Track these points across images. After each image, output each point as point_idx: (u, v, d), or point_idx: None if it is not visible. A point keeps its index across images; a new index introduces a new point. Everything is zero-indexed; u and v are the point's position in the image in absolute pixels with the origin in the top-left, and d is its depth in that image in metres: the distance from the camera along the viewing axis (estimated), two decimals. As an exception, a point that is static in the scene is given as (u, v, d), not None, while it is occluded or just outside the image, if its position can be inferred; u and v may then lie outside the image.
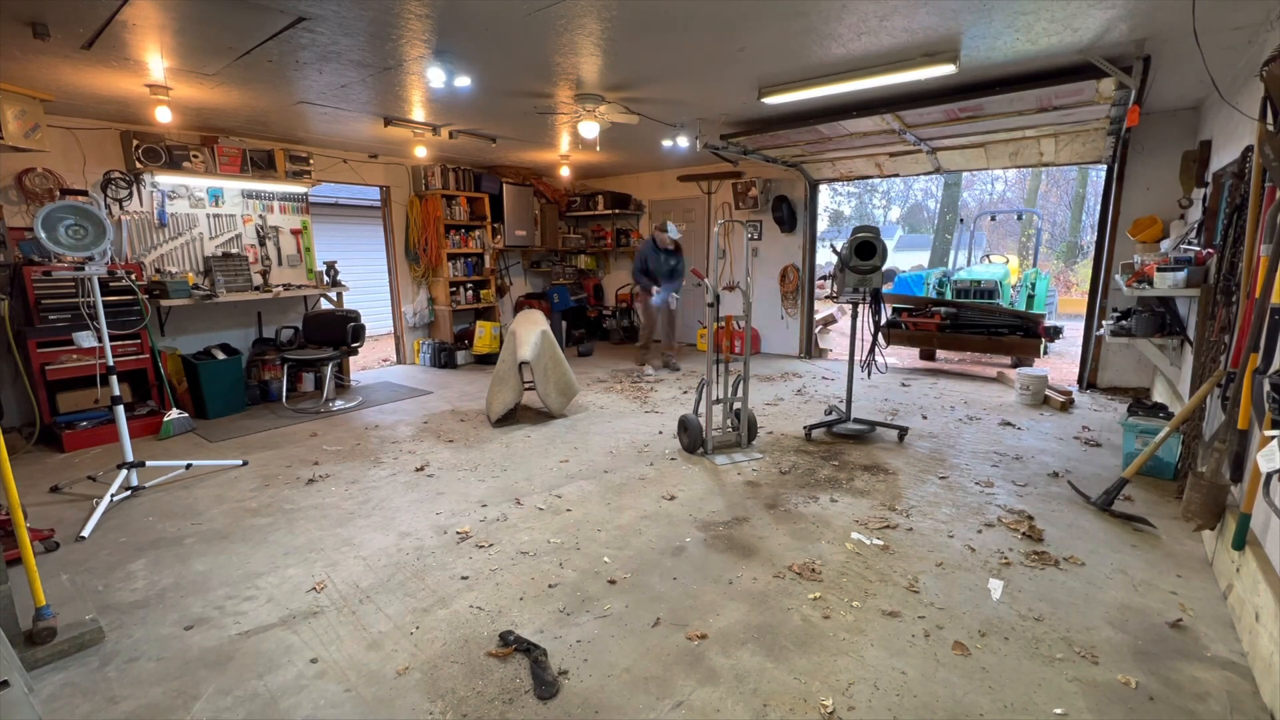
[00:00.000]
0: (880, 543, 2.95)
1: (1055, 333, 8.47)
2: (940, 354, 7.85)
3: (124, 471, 3.62)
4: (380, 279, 8.10)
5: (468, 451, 4.38)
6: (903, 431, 4.50)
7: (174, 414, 4.91)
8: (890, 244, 12.93)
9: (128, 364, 4.85)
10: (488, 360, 7.74)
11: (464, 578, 2.70)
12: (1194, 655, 2.13)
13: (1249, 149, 2.94)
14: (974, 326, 6.83)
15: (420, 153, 6.30)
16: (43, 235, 3.07)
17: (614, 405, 5.60)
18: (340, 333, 5.75)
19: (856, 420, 4.63)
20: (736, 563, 2.79)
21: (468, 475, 3.92)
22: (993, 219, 15.45)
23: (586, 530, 3.14)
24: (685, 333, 9.01)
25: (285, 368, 5.73)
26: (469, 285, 7.95)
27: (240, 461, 4.20)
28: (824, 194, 16.62)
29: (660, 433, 4.73)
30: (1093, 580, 2.60)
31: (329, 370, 5.72)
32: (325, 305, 6.55)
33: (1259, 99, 2.60)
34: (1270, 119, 2.51)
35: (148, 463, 3.84)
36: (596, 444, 4.49)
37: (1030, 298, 9.55)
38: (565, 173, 8.24)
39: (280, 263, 6.34)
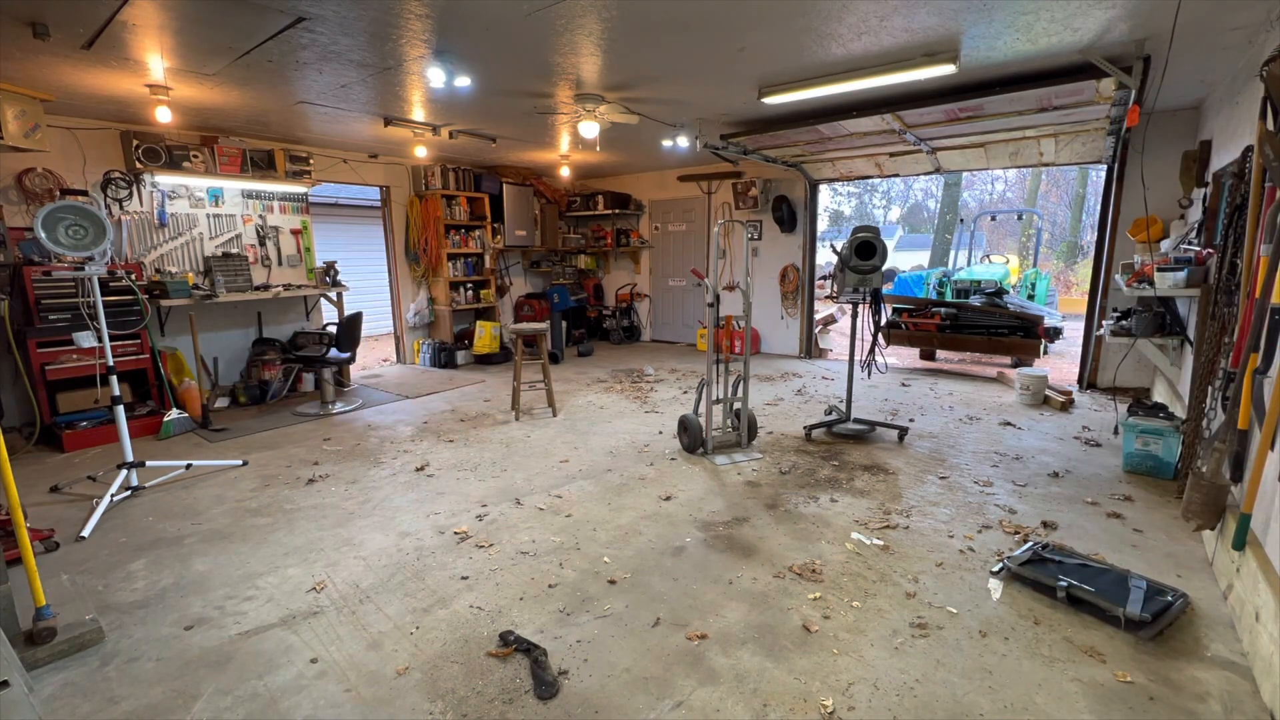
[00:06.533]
0: (880, 543, 2.95)
1: (1055, 333, 8.48)
2: (940, 354, 7.85)
3: (124, 471, 3.62)
4: (380, 279, 8.10)
5: (468, 451, 4.38)
6: (903, 431, 4.50)
7: (174, 414, 4.91)
8: (890, 244, 12.94)
9: (128, 364, 4.85)
10: (488, 360, 7.74)
11: (464, 578, 2.70)
12: (1194, 655, 2.13)
13: (1249, 149, 2.94)
14: (974, 327, 6.83)
15: (420, 153, 6.30)
16: (43, 235, 3.07)
17: (614, 405, 5.60)
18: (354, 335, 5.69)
19: (856, 420, 4.63)
20: (736, 563, 2.79)
21: (468, 475, 3.92)
22: (993, 219, 15.47)
23: (586, 530, 3.14)
24: (685, 332, 9.03)
25: (283, 367, 5.73)
26: (469, 285, 7.95)
27: (240, 461, 4.20)
28: (824, 194, 16.64)
29: (660, 433, 4.73)
30: (1093, 580, 2.59)
31: (329, 371, 5.71)
32: (325, 305, 6.55)
33: (1259, 99, 2.60)
34: (1270, 119, 2.51)
35: (148, 463, 3.84)
36: (596, 444, 4.49)
37: (1030, 297, 9.56)
38: (565, 173, 8.24)
39: (280, 263, 6.34)
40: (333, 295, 6.40)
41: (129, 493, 3.65)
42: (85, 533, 3.13)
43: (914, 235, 26.03)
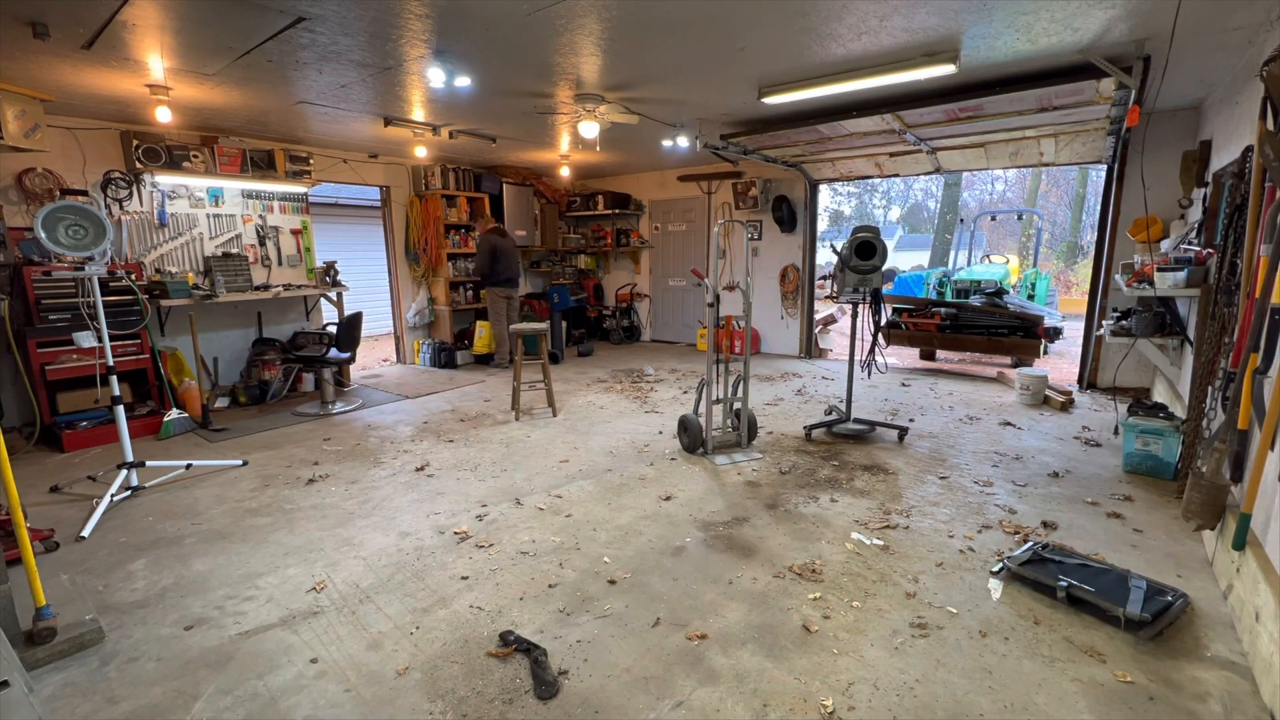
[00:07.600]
0: (880, 543, 2.95)
1: (1055, 333, 8.48)
2: (940, 354, 7.85)
3: (124, 471, 3.62)
4: (380, 279, 8.10)
5: (468, 451, 4.38)
6: (903, 431, 4.49)
7: (174, 414, 4.91)
8: (890, 244, 12.94)
9: (128, 364, 4.85)
10: (488, 360, 7.74)
11: (464, 578, 2.70)
12: (1194, 655, 2.13)
13: (1249, 149, 2.94)
14: (974, 327, 6.83)
15: (420, 153, 6.30)
16: (43, 235, 3.07)
17: (614, 405, 5.60)
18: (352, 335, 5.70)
19: (856, 420, 4.63)
20: (736, 563, 2.79)
21: (468, 475, 3.92)
22: (993, 219, 15.48)
23: (586, 530, 3.14)
24: (685, 332, 9.03)
25: (283, 367, 5.72)
26: (469, 285, 7.95)
27: (240, 461, 4.20)
28: (824, 194, 16.64)
29: (660, 433, 4.73)
30: (1093, 580, 2.59)
31: (329, 371, 5.71)
32: (325, 305, 6.55)
33: (1259, 99, 2.60)
34: (1270, 119, 2.51)
35: (148, 463, 3.84)
36: (596, 444, 4.49)
37: (1030, 297, 9.55)
38: (565, 173, 8.24)
39: (280, 263, 6.34)
40: (333, 295, 6.40)
41: (129, 493, 3.65)
42: (85, 533, 3.13)
43: (914, 235, 26.04)
